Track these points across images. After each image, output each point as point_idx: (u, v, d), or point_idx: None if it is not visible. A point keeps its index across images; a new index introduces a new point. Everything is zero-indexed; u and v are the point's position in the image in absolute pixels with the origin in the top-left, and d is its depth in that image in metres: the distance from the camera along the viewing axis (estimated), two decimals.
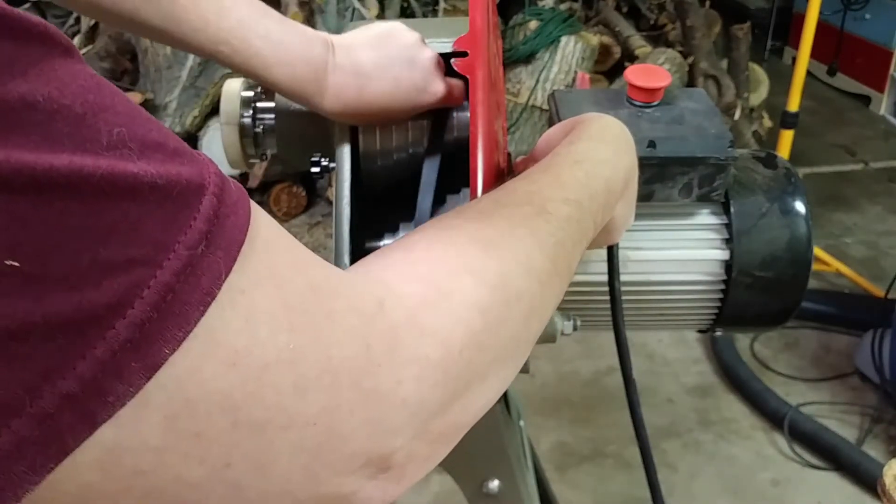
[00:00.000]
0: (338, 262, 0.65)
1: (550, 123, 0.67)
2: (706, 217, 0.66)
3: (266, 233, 0.31)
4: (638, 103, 0.64)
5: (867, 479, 1.86)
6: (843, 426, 2.05)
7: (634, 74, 0.63)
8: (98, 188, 0.25)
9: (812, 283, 0.66)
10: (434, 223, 0.43)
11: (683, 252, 0.66)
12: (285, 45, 0.61)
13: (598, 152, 0.52)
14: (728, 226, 0.65)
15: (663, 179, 0.62)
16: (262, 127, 0.73)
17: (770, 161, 0.69)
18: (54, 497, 0.26)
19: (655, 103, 0.64)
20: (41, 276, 0.23)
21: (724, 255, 0.65)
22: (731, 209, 0.65)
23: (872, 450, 1.97)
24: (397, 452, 0.34)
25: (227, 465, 0.29)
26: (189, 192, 0.27)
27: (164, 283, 0.26)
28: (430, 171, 0.67)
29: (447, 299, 0.36)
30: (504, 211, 0.44)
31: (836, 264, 2.54)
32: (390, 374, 0.33)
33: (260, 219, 0.31)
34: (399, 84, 0.64)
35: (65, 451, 0.25)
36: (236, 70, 0.62)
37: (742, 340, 2.33)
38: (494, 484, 0.82)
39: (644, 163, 0.60)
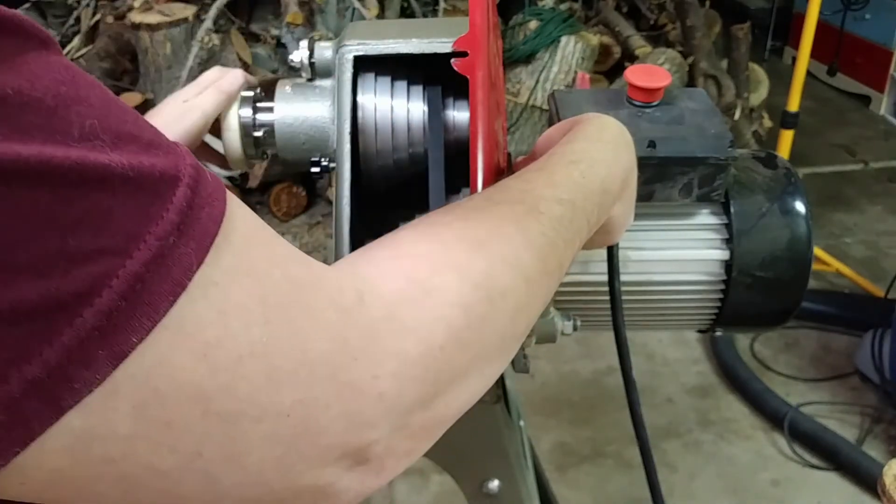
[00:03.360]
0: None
1: (550, 123, 0.67)
2: (706, 217, 0.66)
3: (243, 226, 0.31)
4: (638, 103, 0.64)
5: (867, 479, 1.86)
6: (843, 426, 2.05)
7: (634, 74, 0.63)
8: (67, 178, 0.25)
9: (812, 283, 0.66)
10: (424, 220, 0.43)
11: (683, 252, 0.66)
12: None
13: (595, 152, 0.52)
14: (728, 226, 0.65)
15: (663, 179, 0.62)
16: (262, 127, 0.73)
17: (770, 161, 0.69)
18: (24, 482, 0.26)
19: (655, 103, 0.64)
20: (8, 263, 0.24)
21: (724, 255, 0.65)
22: (731, 209, 0.65)
23: (872, 450, 1.97)
24: (374, 445, 0.34)
25: (199, 454, 0.29)
26: (162, 184, 0.27)
27: (133, 273, 0.26)
28: (436, 167, 0.67)
29: (429, 296, 0.36)
30: (495, 209, 0.44)
31: (836, 264, 2.54)
32: (367, 368, 0.33)
33: (237, 212, 0.31)
34: None
35: (31, 436, 0.25)
36: None
37: (742, 340, 2.33)
38: (494, 484, 0.82)
39: (644, 163, 0.60)
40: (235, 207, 0.31)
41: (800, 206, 0.66)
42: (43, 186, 0.24)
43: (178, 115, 0.72)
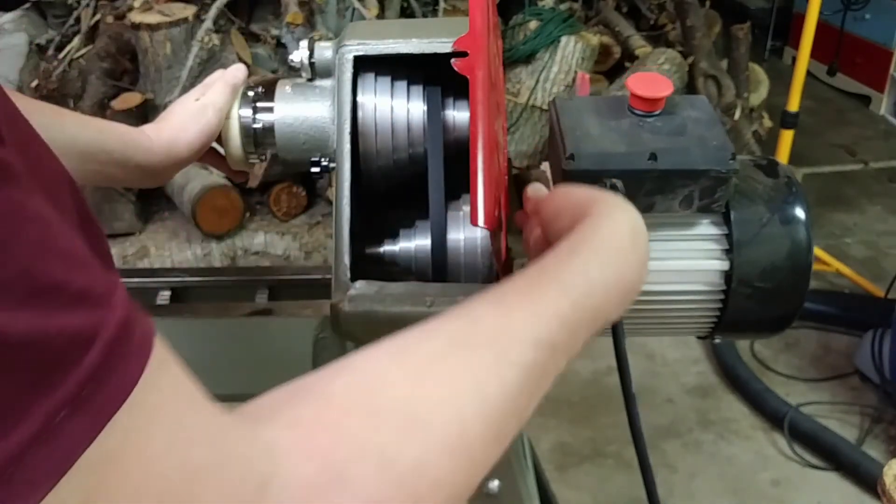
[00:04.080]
0: (338, 262, 0.65)
1: (550, 129, 0.66)
2: (706, 227, 0.65)
3: (156, 395, 0.27)
4: (639, 112, 0.63)
5: (867, 479, 1.86)
6: (843, 426, 2.05)
7: (636, 83, 0.62)
8: None
9: (812, 283, 0.66)
10: (371, 366, 0.37)
11: (683, 262, 0.65)
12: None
13: (595, 274, 0.45)
14: (728, 236, 0.65)
15: (664, 191, 0.62)
16: (261, 126, 0.73)
17: (771, 169, 0.68)
18: None
19: (657, 112, 0.63)
20: None
21: (723, 265, 0.64)
22: (732, 219, 0.64)
23: (872, 450, 1.97)
24: None
25: None
26: (70, 348, 0.24)
27: (8, 455, 0.23)
28: (435, 167, 0.67)
29: (341, 489, 0.32)
30: (458, 357, 0.38)
31: (836, 264, 2.54)
32: None
33: (156, 376, 0.27)
34: None
35: None
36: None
37: (742, 341, 2.34)
38: (494, 484, 0.82)
39: (645, 175, 0.60)
40: (156, 370, 0.27)
41: (800, 216, 0.65)
42: None
43: (192, 113, 0.72)
